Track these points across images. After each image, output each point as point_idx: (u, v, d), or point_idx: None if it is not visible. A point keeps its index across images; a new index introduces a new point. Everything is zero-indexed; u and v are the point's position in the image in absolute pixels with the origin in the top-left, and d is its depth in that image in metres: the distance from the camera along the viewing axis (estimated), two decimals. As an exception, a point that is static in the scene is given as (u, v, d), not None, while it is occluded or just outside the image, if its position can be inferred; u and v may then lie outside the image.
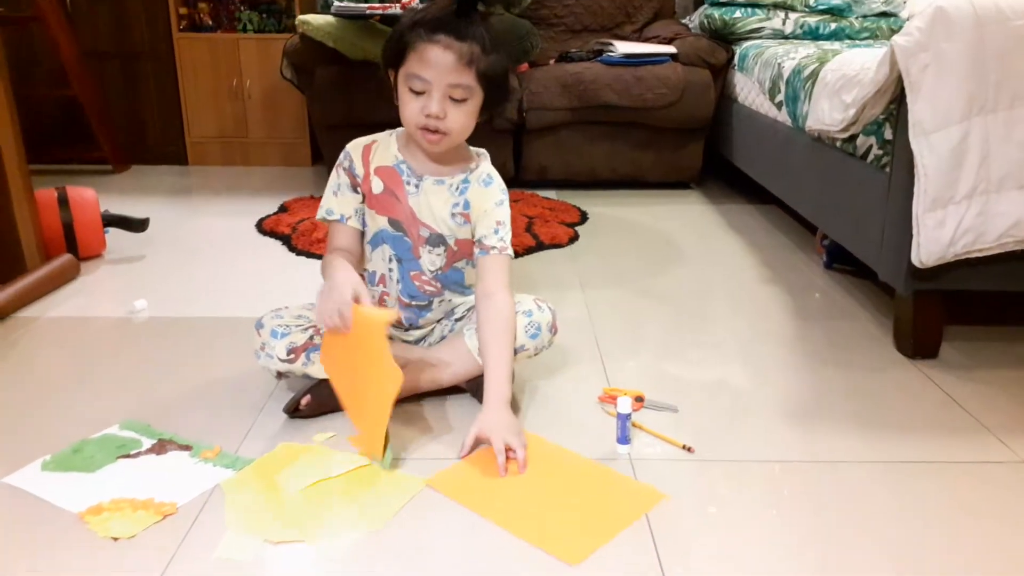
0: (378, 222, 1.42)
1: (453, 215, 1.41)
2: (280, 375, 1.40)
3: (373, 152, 1.42)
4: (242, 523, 1.10)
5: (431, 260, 1.43)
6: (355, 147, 1.43)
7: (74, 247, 2.19)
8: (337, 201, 1.42)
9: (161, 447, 1.29)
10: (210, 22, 3.49)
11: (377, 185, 1.41)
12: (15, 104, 1.99)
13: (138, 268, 2.22)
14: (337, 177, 1.43)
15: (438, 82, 1.28)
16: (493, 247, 1.41)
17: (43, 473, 1.20)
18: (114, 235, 2.35)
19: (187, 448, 1.29)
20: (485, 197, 1.42)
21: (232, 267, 2.23)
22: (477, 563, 1.03)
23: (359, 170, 1.42)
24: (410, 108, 1.31)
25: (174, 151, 3.62)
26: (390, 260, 1.44)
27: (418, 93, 1.30)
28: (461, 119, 1.32)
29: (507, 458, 1.23)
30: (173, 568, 1.01)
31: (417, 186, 1.40)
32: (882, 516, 1.14)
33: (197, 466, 1.24)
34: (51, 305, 1.93)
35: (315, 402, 1.37)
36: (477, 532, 1.09)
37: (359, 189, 1.42)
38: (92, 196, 2.24)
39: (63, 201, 2.18)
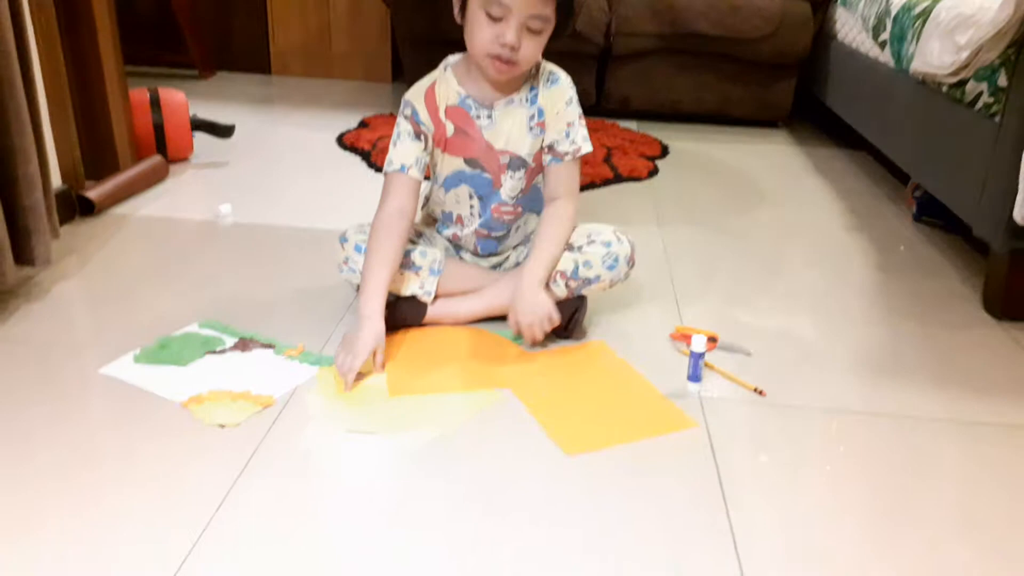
0: (453, 163, 1.41)
1: (531, 128, 1.39)
2: (360, 288, 1.43)
3: (437, 94, 1.39)
4: (327, 411, 1.17)
5: (512, 186, 1.43)
6: (415, 95, 1.39)
7: (164, 148, 2.25)
8: (398, 150, 1.38)
9: (244, 345, 1.35)
10: (299, -72, 3.46)
11: (450, 128, 1.39)
12: (114, 5, 2.03)
13: (223, 173, 2.27)
14: (399, 126, 1.39)
15: (519, 11, 1.24)
16: (565, 153, 1.39)
17: (137, 365, 1.27)
18: (200, 139, 2.41)
19: (270, 347, 1.34)
20: (555, 96, 1.39)
21: (313, 179, 2.26)
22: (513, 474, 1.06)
23: (424, 117, 1.38)
24: (484, 34, 1.27)
25: (258, 60, 3.65)
26: (470, 198, 1.44)
27: (495, 20, 1.26)
28: (534, 51, 1.30)
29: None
30: (260, 454, 1.07)
31: (490, 116, 1.38)
32: (948, 476, 1.12)
33: (284, 362, 1.30)
34: (141, 204, 2.00)
35: (392, 317, 1.39)
36: (526, 446, 1.12)
37: (421, 136, 1.38)
38: (182, 99, 2.29)
39: (155, 103, 2.23)
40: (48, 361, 1.28)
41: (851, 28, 2.66)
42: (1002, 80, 1.57)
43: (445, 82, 1.40)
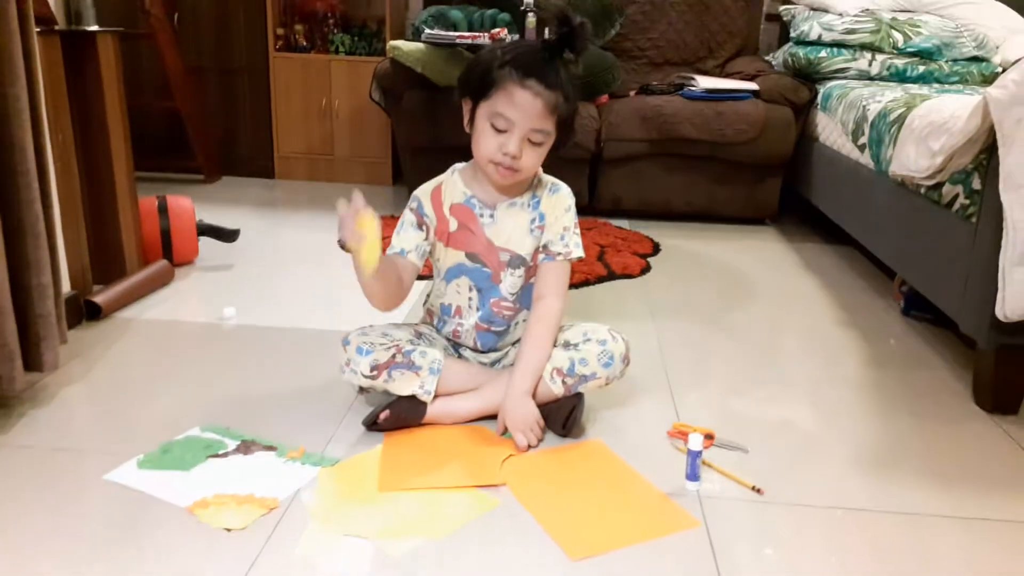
0: (454, 257, 1.48)
1: (532, 231, 1.46)
2: (362, 390, 1.46)
3: (443, 193, 1.48)
4: (324, 514, 1.18)
5: (512, 283, 1.48)
6: (423, 193, 1.49)
7: (170, 253, 2.31)
8: (399, 237, 1.47)
9: (246, 448, 1.36)
10: (304, 43, 3.64)
11: (453, 223, 1.47)
12: (126, 116, 2.13)
13: (227, 276, 2.33)
14: (404, 217, 1.48)
15: (522, 125, 1.34)
16: (558, 253, 1.46)
17: (141, 471, 1.28)
18: (206, 243, 2.47)
19: (272, 448, 1.36)
20: (556, 203, 1.47)
21: (317, 280, 2.32)
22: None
23: (428, 211, 1.47)
24: (489, 144, 1.37)
25: (263, 164, 3.78)
26: (469, 290, 1.49)
27: (500, 131, 1.35)
28: (534, 160, 1.39)
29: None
30: (263, 558, 1.07)
31: (492, 215, 1.46)
32: (951, 573, 1.13)
33: (286, 465, 1.31)
34: (147, 307, 2.04)
35: (393, 417, 1.42)
36: (520, 555, 1.12)
37: (423, 227, 1.46)
38: (189, 206, 2.37)
39: (163, 209, 2.31)
40: (53, 467, 1.29)
41: (832, 131, 2.79)
42: (976, 183, 1.65)
43: (452, 184, 1.48)
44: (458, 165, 1.51)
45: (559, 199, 1.49)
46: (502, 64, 1.35)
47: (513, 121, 1.34)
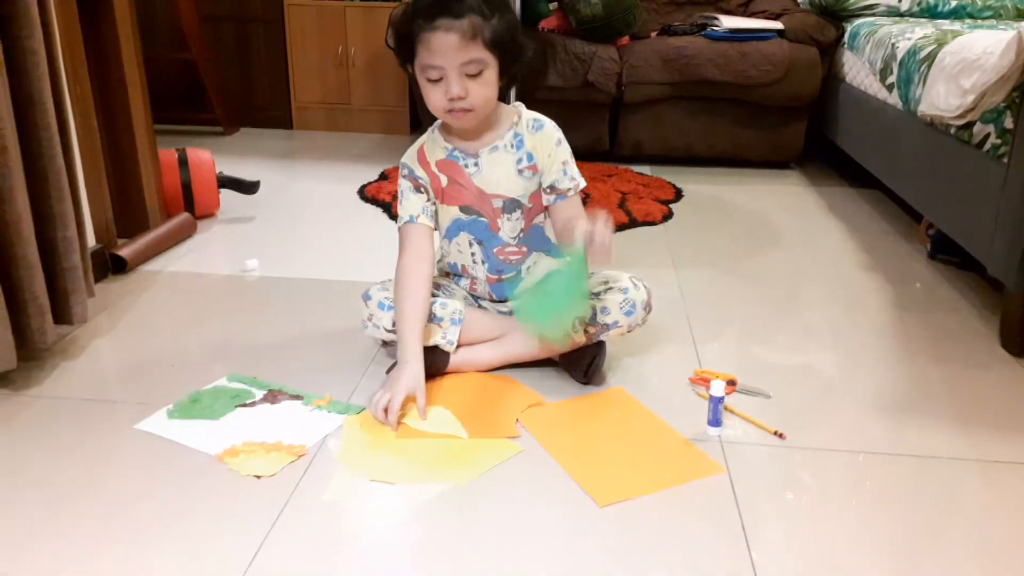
0: (450, 213, 1.47)
1: (520, 171, 1.44)
2: (385, 343, 1.47)
3: (427, 152, 1.47)
4: (350, 460, 1.21)
5: (511, 227, 1.47)
6: (409, 157, 1.48)
7: (191, 206, 2.32)
8: (404, 206, 1.47)
9: (273, 397, 1.39)
10: (319, -11, 3.58)
11: (443, 179, 1.45)
12: (143, 68, 2.12)
13: (249, 228, 2.34)
14: (400, 185, 1.48)
15: (451, 64, 1.30)
16: (568, 189, 1.44)
17: (171, 421, 1.31)
18: (226, 196, 2.48)
19: (298, 398, 1.38)
20: (544, 141, 1.44)
21: (336, 232, 2.33)
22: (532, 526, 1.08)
23: (420, 173, 1.46)
24: (433, 97, 1.34)
25: (280, 115, 3.76)
26: (471, 244, 1.48)
27: (436, 81, 1.32)
28: (482, 92, 1.34)
29: None
30: (292, 503, 1.10)
31: (476, 163, 1.44)
32: (970, 514, 1.13)
33: (312, 413, 1.34)
34: (170, 260, 2.06)
35: (416, 367, 1.43)
36: (547, 500, 1.14)
37: (421, 189, 1.46)
38: (209, 158, 2.37)
39: (183, 162, 2.31)
40: (86, 417, 1.32)
41: (859, 71, 2.71)
42: (1008, 122, 1.60)
43: (433, 141, 1.47)
44: (437, 122, 1.48)
45: (545, 136, 1.45)
46: (411, 19, 1.32)
47: (441, 66, 1.30)
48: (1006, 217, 1.56)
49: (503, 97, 1.46)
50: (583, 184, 1.47)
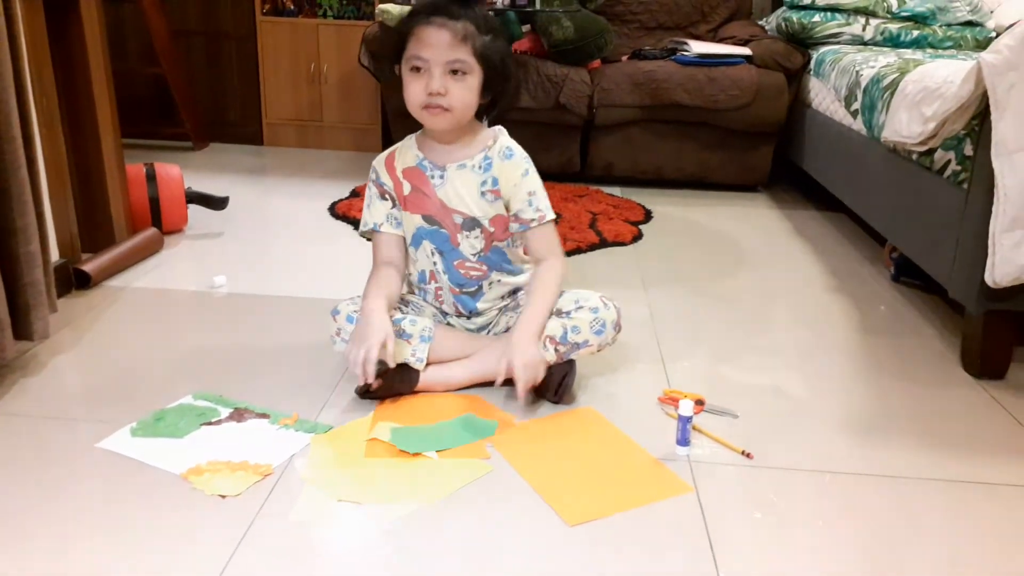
0: (414, 221, 1.49)
1: (483, 193, 1.46)
2: (353, 358, 1.46)
3: (396, 158, 1.50)
4: (317, 479, 1.20)
5: (470, 244, 1.48)
6: (379, 161, 1.52)
7: (159, 221, 2.29)
8: (370, 212, 1.52)
9: (239, 415, 1.37)
10: (292, 6, 3.58)
11: (406, 187, 1.48)
12: (112, 81, 2.10)
13: (217, 244, 2.32)
14: (368, 191, 1.52)
15: (436, 59, 1.34)
16: (532, 219, 1.47)
17: (134, 439, 1.28)
18: (195, 211, 2.45)
19: (265, 416, 1.36)
20: (510, 170, 1.47)
21: (306, 248, 2.31)
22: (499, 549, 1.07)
23: (385, 179, 1.50)
24: (413, 88, 1.37)
25: (251, 131, 3.74)
26: (432, 254, 1.50)
27: (418, 72, 1.36)
28: (462, 94, 1.37)
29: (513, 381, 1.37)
30: (257, 524, 1.08)
31: (442, 176, 1.46)
32: (935, 535, 1.15)
33: (279, 431, 1.32)
34: (136, 276, 2.03)
35: (386, 385, 1.42)
36: (517, 520, 1.13)
37: (386, 197, 1.50)
38: (178, 173, 2.34)
39: (151, 177, 2.29)
40: (45, 435, 1.29)
41: (825, 97, 2.77)
42: (968, 150, 1.65)
43: (406, 149, 1.50)
44: (417, 132, 1.52)
45: (513, 165, 1.47)
46: (410, 15, 1.39)
47: (427, 58, 1.34)
48: (966, 242, 1.60)
49: (481, 118, 1.47)
50: (550, 216, 1.49)
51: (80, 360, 1.57)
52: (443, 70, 1.35)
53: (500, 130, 1.52)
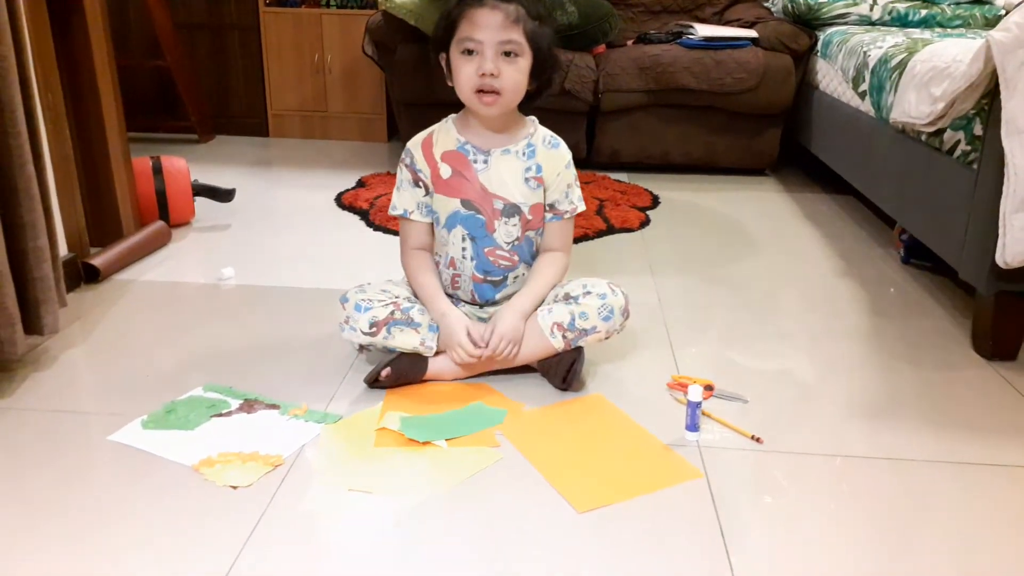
0: (450, 205, 1.47)
1: (527, 180, 1.46)
2: (362, 348, 1.46)
3: (434, 142, 1.48)
4: (328, 470, 1.20)
5: (507, 232, 1.48)
6: (415, 144, 1.50)
7: (166, 214, 2.30)
8: (400, 196, 1.51)
9: (249, 406, 1.37)
10: (295, -3, 3.57)
11: (445, 170, 1.46)
12: (116, 76, 2.10)
13: (224, 236, 2.32)
14: (400, 173, 1.51)
15: (490, 40, 1.35)
16: (565, 211, 1.50)
17: (145, 431, 1.29)
18: (202, 204, 2.46)
19: (275, 407, 1.37)
20: (556, 159, 1.48)
21: (313, 239, 2.31)
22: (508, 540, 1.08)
23: (420, 164, 1.48)
24: (465, 72, 1.38)
25: (256, 123, 3.73)
26: (463, 240, 1.49)
27: (471, 54, 1.37)
28: (514, 76, 1.38)
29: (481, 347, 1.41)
30: (268, 514, 1.09)
31: (486, 161, 1.45)
32: (947, 517, 1.14)
33: (289, 422, 1.33)
34: (145, 269, 2.04)
35: (394, 374, 1.43)
36: (527, 507, 1.13)
37: (420, 183, 1.48)
38: (184, 166, 2.35)
39: (157, 170, 2.29)
40: (57, 429, 1.30)
41: (832, 79, 2.75)
42: (978, 129, 1.63)
43: (445, 132, 1.49)
44: (452, 115, 1.51)
45: (559, 155, 1.48)
46: (459, 2, 1.38)
47: (480, 40, 1.35)
48: (976, 223, 1.59)
49: (527, 108, 1.48)
50: (581, 209, 1.52)
51: (90, 354, 1.58)
52: (496, 51, 1.35)
53: (534, 120, 1.52)
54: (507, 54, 1.36)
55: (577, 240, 2.31)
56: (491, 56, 1.35)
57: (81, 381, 1.47)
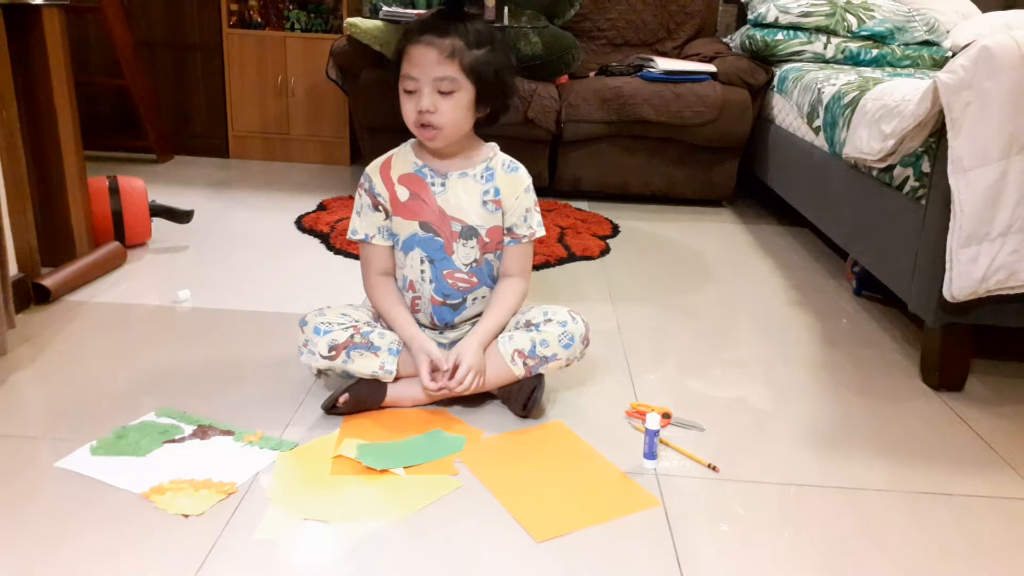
0: (408, 227, 1.48)
1: (485, 203, 1.47)
2: (320, 373, 1.45)
3: (392, 166, 1.50)
4: (282, 498, 1.18)
5: (465, 254, 1.49)
6: (373, 168, 1.51)
7: (122, 235, 2.26)
8: (360, 221, 1.51)
9: (203, 432, 1.35)
10: (259, 19, 3.57)
11: (403, 193, 1.47)
12: (74, 93, 2.06)
13: (181, 258, 2.28)
14: (359, 198, 1.52)
15: (424, 78, 1.37)
16: (523, 236, 1.51)
17: (94, 457, 1.26)
18: (159, 224, 2.42)
19: (229, 433, 1.34)
20: (515, 183, 1.49)
21: (272, 262, 2.29)
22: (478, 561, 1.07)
23: (379, 188, 1.49)
24: (406, 108, 1.41)
25: (216, 144, 3.70)
26: (421, 262, 1.49)
27: (411, 92, 1.39)
28: (451, 112, 1.39)
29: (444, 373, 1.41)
30: (221, 543, 1.06)
31: (443, 184, 1.47)
32: (897, 545, 1.16)
33: (244, 449, 1.30)
34: (98, 291, 1.99)
35: (352, 400, 1.41)
36: (485, 536, 1.13)
37: (380, 208, 1.49)
38: (141, 186, 2.31)
39: (114, 190, 2.25)
40: (2, 454, 1.26)
41: (787, 114, 2.82)
42: (926, 166, 1.69)
43: (403, 156, 1.50)
44: (412, 140, 1.52)
45: (517, 179, 1.50)
46: (404, 35, 1.41)
47: (416, 77, 1.37)
48: (924, 256, 1.63)
49: (484, 132, 1.50)
50: (541, 234, 1.53)
51: (39, 377, 1.53)
52: (431, 88, 1.37)
53: (494, 145, 1.53)
54: (443, 91, 1.38)
55: (538, 267, 2.33)
56: (427, 93, 1.37)
57: (28, 405, 1.43)
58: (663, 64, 3.10)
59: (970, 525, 1.22)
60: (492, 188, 1.48)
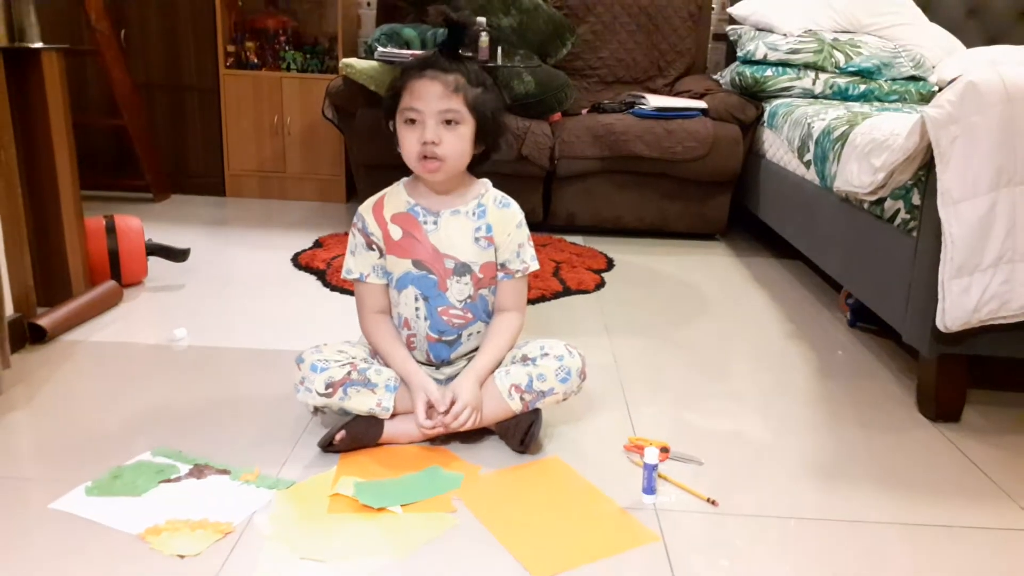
0: (402, 266, 1.49)
1: (477, 239, 1.48)
2: (316, 410, 1.45)
3: (385, 205, 1.51)
4: (279, 538, 1.17)
5: (459, 290, 1.49)
6: (366, 208, 1.52)
7: (118, 274, 2.26)
8: (355, 260, 1.52)
9: (199, 471, 1.34)
10: (256, 60, 3.61)
11: (396, 232, 1.49)
12: (72, 135, 2.08)
13: (178, 297, 2.29)
14: (353, 238, 1.53)
15: (429, 110, 1.39)
16: (517, 271, 1.51)
17: (89, 498, 1.25)
18: (155, 263, 2.43)
19: (225, 472, 1.34)
20: (507, 218, 1.51)
21: (269, 300, 2.29)
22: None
23: (372, 228, 1.50)
24: (408, 140, 1.42)
25: (213, 182, 3.72)
26: (416, 300, 1.50)
27: (413, 123, 1.41)
28: (455, 143, 1.41)
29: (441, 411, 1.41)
30: (212, 593, 1.05)
31: (435, 222, 1.48)
32: (902, 578, 1.16)
33: (240, 488, 1.29)
34: (94, 330, 1.99)
35: (349, 437, 1.41)
36: (484, 574, 1.12)
37: (374, 247, 1.50)
38: (138, 225, 2.32)
39: (111, 229, 2.26)
40: (-4, 496, 1.25)
41: (778, 148, 2.86)
42: (916, 199, 1.71)
43: (395, 195, 1.52)
44: (404, 179, 1.54)
45: (510, 215, 1.51)
46: (404, 72, 1.43)
47: (420, 109, 1.39)
48: (917, 288, 1.65)
49: (477, 169, 1.51)
50: (534, 268, 1.54)
51: (34, 417, 1.53)
52: (436, 120, 1.39)
53: (486, 182, 1.55)
54: (448, 122, 1.40)
55: (534, 301, 2.34)
56: (432, 125, 1.39)
57: (22, 446, 1.42)
58: (654, 101, 3.14)
59: (971, 556, 1.21)
60: (484, 224, 1.49)
